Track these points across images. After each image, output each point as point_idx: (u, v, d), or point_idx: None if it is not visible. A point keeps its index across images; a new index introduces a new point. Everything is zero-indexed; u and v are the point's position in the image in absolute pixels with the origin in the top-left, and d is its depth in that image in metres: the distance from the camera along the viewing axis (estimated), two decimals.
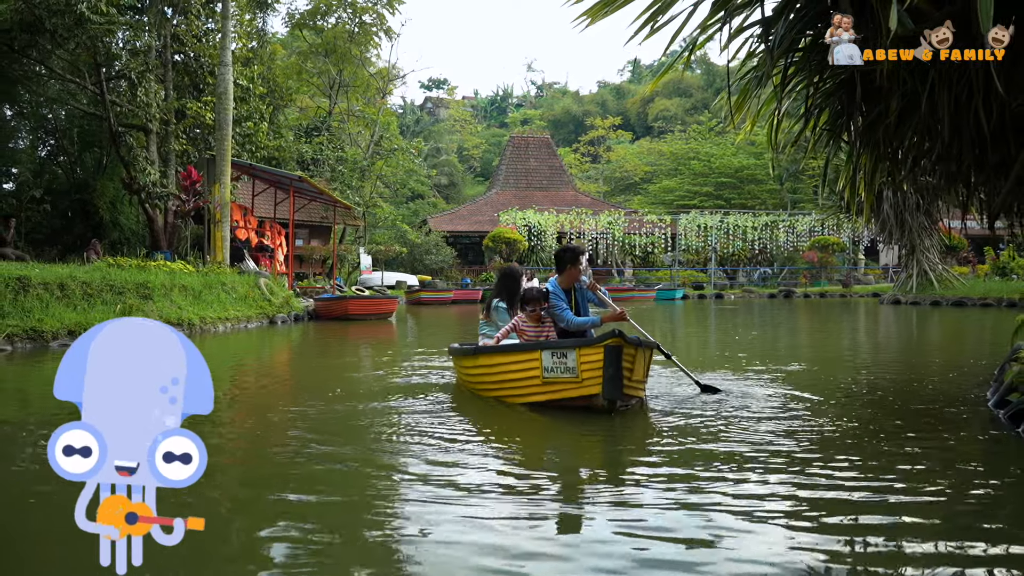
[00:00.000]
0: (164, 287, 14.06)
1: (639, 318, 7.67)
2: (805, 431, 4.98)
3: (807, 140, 6.98)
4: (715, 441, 4.69)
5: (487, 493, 3.66)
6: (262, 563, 2.90)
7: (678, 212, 43.64)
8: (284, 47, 41.47)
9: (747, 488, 3.66)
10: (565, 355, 5.49)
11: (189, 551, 3.05)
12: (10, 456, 4.69)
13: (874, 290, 34.47)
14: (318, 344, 13.44)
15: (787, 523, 3.16)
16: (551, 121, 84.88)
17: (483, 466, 4.21)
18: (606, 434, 5.03)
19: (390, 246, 35.15)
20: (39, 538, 3.24)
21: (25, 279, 11.50)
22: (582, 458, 4.60)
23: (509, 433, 5.18)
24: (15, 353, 10.08)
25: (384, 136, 39.49)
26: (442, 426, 5.32)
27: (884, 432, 4.97)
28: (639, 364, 5.69)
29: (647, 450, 4.59)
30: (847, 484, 3.70)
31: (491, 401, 6.14)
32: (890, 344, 13.00)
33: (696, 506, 3.39)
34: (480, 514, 3.33)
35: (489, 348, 6.27)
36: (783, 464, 4.10)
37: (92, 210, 25.14)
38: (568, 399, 5.58)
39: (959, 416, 5.56)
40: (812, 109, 6.34)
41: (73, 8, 17.31)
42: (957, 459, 4.27)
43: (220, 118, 19.07)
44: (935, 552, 2.86)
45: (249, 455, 4.77)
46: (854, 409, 5.93)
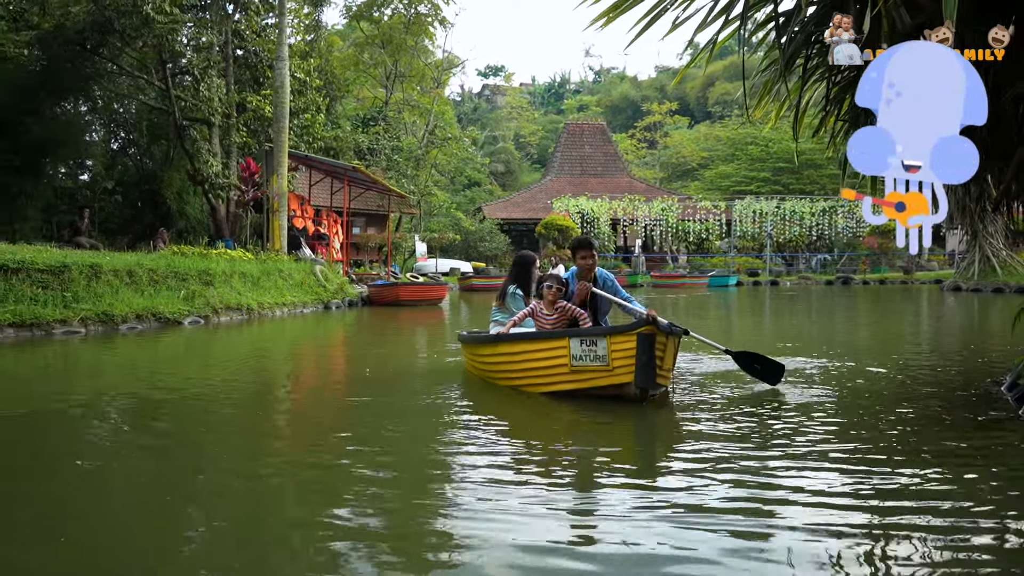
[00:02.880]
0: (224, 274, 14.81)
1: (691, 304, 7.75)
2: (832, 419, 5.05)
3: (829, 131, 7.12)
4: (743, 429, 4.69)
5: (525, 483, 3.65)
6: (314, 552, 2.89)
7: (734, 198, 43.19)
8: (342, 39, 42.37)
9: (791, 477, 3.68)
10: (595, 343, 5.37)
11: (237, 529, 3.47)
12: (82, 431, 5.21)
13: (937, 277, 33.65)
14: (365, 329, 13.99)
15: (843, 524, 3.07)
16: (608, 107, 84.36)
17: (520, 454, 4.27)
18: (637, 423, 5.04)
19: (444, 233, 35.73)
20: (111, 509, 3.46)
21: (97, 266, 12.30)
22: (616, 447, 4.54)
23: (537, 423, 5.16)
24: (88, 335, 10.86)
25: (438, 125, 40.05)
26: (471, 414, 5.48)
27: (895, 419, 5.11)
28: (669, 352, 5.55)
29: (679, 439, 4.60)
30: (865, 470, 3.83)
31: (507, 390, 6.05)
32: (932, 331, 12.91)
33: (730, 498, 3.38)
34: (516, 507, 3.29)
35: (512, 335, 6.09)
36: (842, 456, 4.07)
37: (160, 200, 26.29)
38: (597, 388, 5.48)
39: (970, 399, 5.72)
40: (832, 101, 6.50)
41: (139, 9, 18.27)
42: (961, 440, 4.46)
43: (277, 111, 19.80)
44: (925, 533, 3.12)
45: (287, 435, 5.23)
46: (874, 398, 6.08)
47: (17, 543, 3.00)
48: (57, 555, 2.86)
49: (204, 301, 13.50)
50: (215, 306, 13.60)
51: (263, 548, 2.99)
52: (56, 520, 3.24)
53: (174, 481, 3.86)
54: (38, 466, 4.17)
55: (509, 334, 6.11)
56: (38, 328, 10.62)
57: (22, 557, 2.84)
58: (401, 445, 4.65)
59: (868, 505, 3.30)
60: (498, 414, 5.45)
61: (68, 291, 11.51)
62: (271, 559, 2.87)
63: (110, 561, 2.85)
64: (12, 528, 3.18)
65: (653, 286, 32.70)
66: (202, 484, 3.86)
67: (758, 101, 6.79)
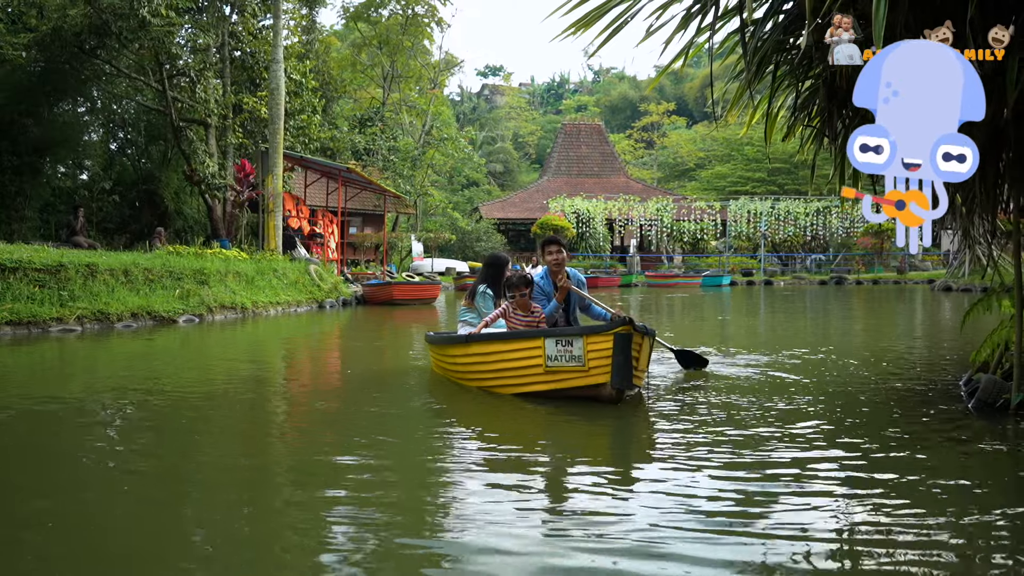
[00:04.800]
0: (219, 273, 15.04)
1: (684, 304, 7.85)
2: (809, 420, 5.15)
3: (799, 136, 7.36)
4: (720, 427, 4.81)
5: (512, 486, 3.64)
6: (321, 555, 2.87)
7: (730, 198, 43.46)
8: (340, 39, 42.62)
9: (768, 475, 3.76)
10: (571, 343, 5.33)
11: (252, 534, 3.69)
12: (82, 427, 5.43)
13: (930, 277, 33.92)
14: (356, 328, 14.22)
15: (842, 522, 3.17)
16: (607, 107, 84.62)
17: (508, 457, 4.28)
18: (614, 422, 5.07)
19: (440, 233, 35.98)
20: (116, 508, 3.52)
21: (93, 265, 12.54)
22: (594, 447, 4.63)
23: (514, 425, 5.15)
24: (84, 333, 11.10)
25: (435, 126, 40.30)
26: (445, 416, 5.57)
27: (865, 417, 5.36)
28: (644, 352, 5.58)
29: (656, 438, 4.67)
30: (846, 465, 4.08)
31: (474, 391, 6.05)
32: (909, 329, 13.15)
33: (710, 492, 3.48)
34: (499, 508, 3.30)
35: (484, 335, 6.00)
36: (807, 451, 4.24)
37: (158, 200, 26.53)
38: (573, 389, 5.45)
39: (927, 396, 5.97)
40: (800, 108, 6.74)
41: (136, 12, 18.52)
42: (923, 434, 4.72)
43: (273, 112, 20.05)
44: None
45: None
46: (844, 396, 6.34)
47: (14, 528, 3.23)
48: (48, 540, 3.07)
49: (199, 300, 13.74)
50: (210, 305, 13.84)
51: (260, 542, 3.07)
52: (50, 513, 3.47)
53: (167, 477, 4.04)
54: (34, 463, 4.39)
55: (481, 334, 6.04)
56: (35, 326, 10.86)
57: (15, 539, 3.08)
58: (384, 447, 4.65)
59: (833, 504, 3.48)
60: (470, 415, 5.53)
61: (65, 290, 11.76)
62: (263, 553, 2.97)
63: (100, 550, 3.07)
64: (11, 517, 3.40)
65: (647, 286, 32.95)
66: (194, 479, 4.00)
67: (730, 106, 7.03)
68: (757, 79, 6.14)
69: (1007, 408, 5.10)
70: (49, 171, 24.76)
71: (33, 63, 22.19)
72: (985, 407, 5.26)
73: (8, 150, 21.66)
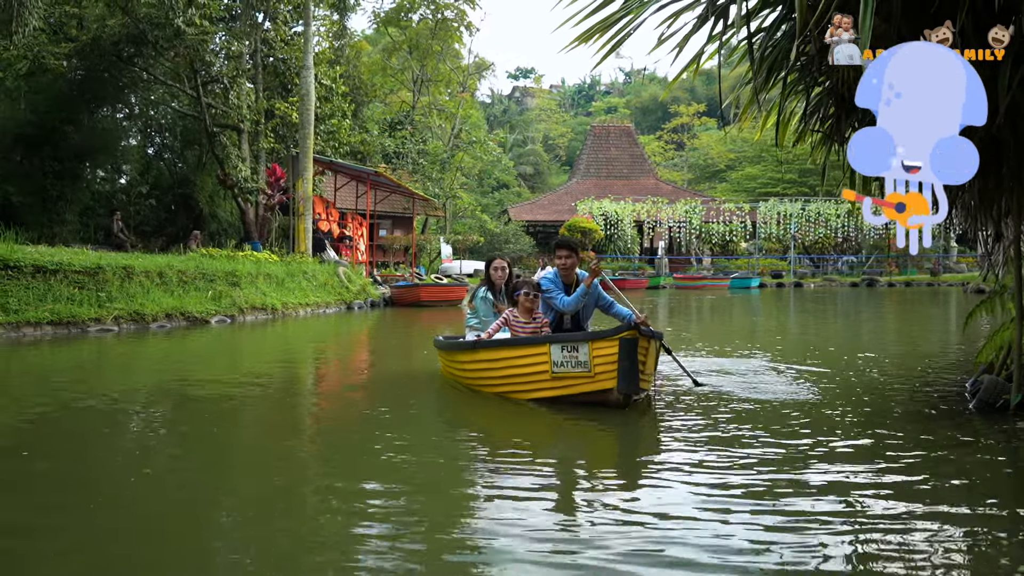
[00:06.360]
0: (251, 275, 15.46)
1: (710, 307, 7.84)
2: (816, 421, 5.22)
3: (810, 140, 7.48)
4: (727, 430, 4.87)
5: (522, 492, 3.66)
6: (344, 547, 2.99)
7: (760, 200, 43.19)
8: (371, 44, 43.16)
9: (775, 477, 3.84)
10: (576, 348, 5.33)
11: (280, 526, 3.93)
12: (116, 425, 5.72)
13: (964, 279, 33.45)
14: (383, 328, 14.52)
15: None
16: (638, 108, 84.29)
17: (502, 459, 4.36)
18: (621, 428, 5.06)
19: (468, 235, 36.27)
20: (143, 505, 3.60)
21: (130, 267, 13.00)
22: (600, 453, 4.69)
23: (521, 429, 5.17)
24: (121, 333, 11.52)
25: (463, 128, 40.63)
26: (453, 422, 5.68)
27: (876, 419, 5.46)
28: (651, 356, 5.54)
29: (664, 444, 4.71)
30: (848, 467, 4.15)
31: (485, 395, 6.06)
32: (933, 331, 13.10)
33: (715, 499, 3.52)
34: (506, 513, 3.35)
35: (490, 342, 5.99)
36: (818, 453, 4.31)
37: (193, 203, 27.18)
38: (580, 394, 5.45)
39: (933, 397, 6.08)
40: (809, 115, 6.86)
41: (171, 22, 19.10)
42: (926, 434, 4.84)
43: (303, 118, 20.49)
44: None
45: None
46: (852, 399, 6.42)
47: (55, 517, 3.49)
48: (90, 523, 3.34)
49: (231, 301, 14.15)
50: (241, 306, 14.24)
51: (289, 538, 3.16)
52: (88, 502, 3.75)
53: (202, 478, 4.24)
54: (76, 456, 4.70)
55: (488, 340, 6.03)
56: (74, 326, 11.30)
57: (54, 528, 3.36)
58: (407, 451, 4.63)
59: (845, 499, 3.63)
60: (479, 419, 5.61)
61: (102, 291, 12.21)
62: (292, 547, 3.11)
63: (136, 543, 3.32)
64: (50, 508, 3.67)
65: (675, 288, 32.93)
66: (227, 482, 4.13)
67: (743, 112, 7.17)
68: (766, 86, 6.30)
69: (1007, 408, 5.20)
70: (89, 176, 25.49)
71: (74, 72, 22.94)
72: (986, 407, 5.37)
73: (50, 156, 22.39)
